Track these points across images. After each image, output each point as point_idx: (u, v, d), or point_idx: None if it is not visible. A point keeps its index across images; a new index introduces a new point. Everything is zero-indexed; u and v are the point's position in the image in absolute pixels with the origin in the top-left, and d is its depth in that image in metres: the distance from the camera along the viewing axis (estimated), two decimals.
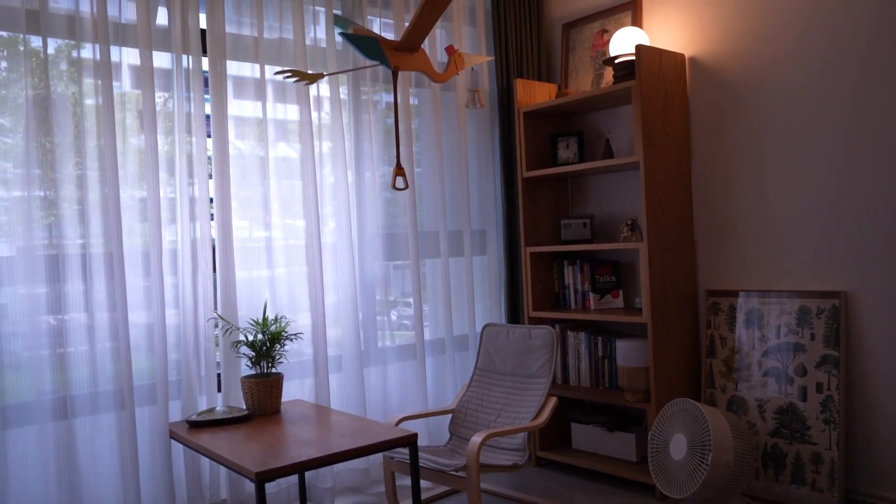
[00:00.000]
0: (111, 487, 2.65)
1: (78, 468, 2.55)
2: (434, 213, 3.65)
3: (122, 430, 2.66)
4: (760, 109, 3.17)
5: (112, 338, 2.68)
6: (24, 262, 2.49)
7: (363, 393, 3.28)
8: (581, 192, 3.90)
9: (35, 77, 2.53)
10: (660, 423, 2.99)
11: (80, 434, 2.58)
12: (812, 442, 2.90)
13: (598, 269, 3.62)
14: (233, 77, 3.07)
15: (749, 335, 3.15)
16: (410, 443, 2.49)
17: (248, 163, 3.09)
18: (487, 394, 3.32)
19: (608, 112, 3.75)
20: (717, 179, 3.33)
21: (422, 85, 3.63)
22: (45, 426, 2.51)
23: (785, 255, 3.11)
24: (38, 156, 2.52)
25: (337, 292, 3.30)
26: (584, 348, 3.61)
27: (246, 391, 2.84)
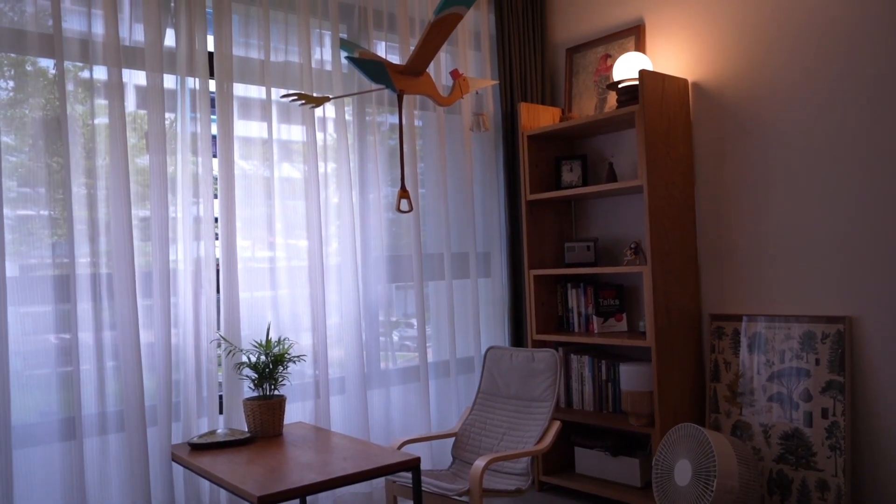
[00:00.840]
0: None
1: (82, 489, 2.53)
2: (438, 234, 3.66)
3: (127, 451, 2.64)
4: (764, 135, 3.18)
5: (114, 357, 2.67)
6: (29, 281, 2.49)
7: (366, 415, 3.26)
8: (585, 215, 3.91)
9: (42, 97, 2.55)
10: (664, 449, 2.97)
11: (84, 455, 2.55)
12: (818, 468, 2.87)
13: (602, 293, 3.62)
14: (238, 98, 3.09)
15: (753, 360, 3.14)
16: (413, 467, 2.47)
17: (253, 183, 3.10)
18: (491, 417, 3.30)
19: (612, 136, 3.77)
20: (720, 203, 3.34)
21: (426, 108, 3.65)
22: (50, 447, 2.49)
23: (789, 280, 3.10)
24: (44, 175, 2.54)
25: (340, 314, 3.30)
26: (587, 372, 3.60)
27: (248, 413, 2.83)
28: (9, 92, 2.52)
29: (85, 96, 2.66)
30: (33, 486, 2.48)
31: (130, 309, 2.66)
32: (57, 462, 2.52)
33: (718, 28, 3.33)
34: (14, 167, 2.51)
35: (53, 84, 2.57)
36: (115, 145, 2.66)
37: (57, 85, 2.54)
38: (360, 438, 2.91)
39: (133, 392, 2.64)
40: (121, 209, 2.66)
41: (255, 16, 3.12)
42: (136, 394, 2.64)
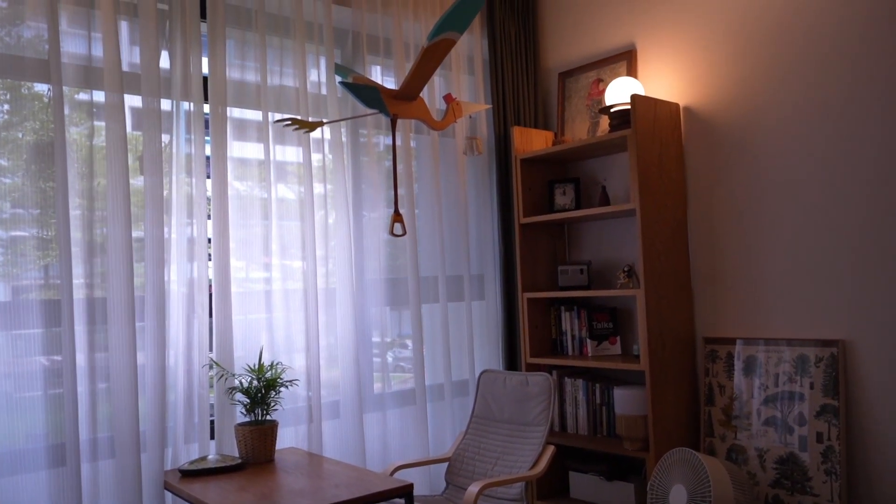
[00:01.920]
0: None
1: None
2: (433, 257, 3.65)
3: (119, 478, 2.60)
4: (756, 158, 3.20)
5: (105, 380, 2.64)
6: (19, 303, 2.48)
7: (360, 440, 3.23)
8: (578, 238, 3.92)
9: (37, 120, 2.55)
10: (659, 473, 2.95)
11: (76, 481, 2.52)
12: (814, 493, 2.86)
13: (596, 316, 3.62)
14: (233, 119, 3.10)
15: (748, 383, 3.13)
16: (406, 493, 2.45)
17: (247, 204, 3.10)
18: (484, 441, 3.28)
19: (604, 159, 3.79)
20: (713, 226, 3.35)
21: (420, 131, 3.67)
22: (38, 474, 2.46)
23: (783, 303, 3.11)
24: (37, 196, 2.53)
25: (335, 336, 3.28)
26: (581, 395, 3.59)
27: (240, 439, 2.80)
28: (3, 115, 2.52)
29: (80, 118, 2.66)
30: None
31: (128, 332, 2.63)
32: (45, 488, 2.48)
33: (710, 53, 3.37)
34: (8, 189, 2.50)
35: (48, 107, 2.57)
36: (114, 167, 2.66)
37: (53, 108, 2.54)
38: (353, 464, 2.88)
39: (127, 418, 2.61)
40: (119, 231, 2.65)
41: (250, 41, 3.13)
42: (130, 419, 2.61)
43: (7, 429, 2.44)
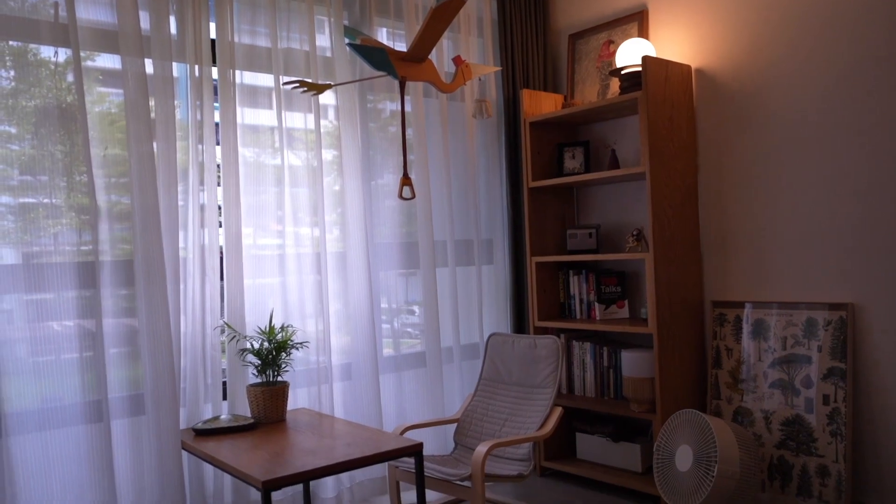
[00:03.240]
0: (125, 495, 2.65)
1: (87, 473, 2.55)
2: (441, 222, 3.66)
3: (143, 436, 2.65)
4: (768, 121, 3.17)
5: (117, 344, 2.68)
6: (30, 268, 2.50)
7: (369, 402, 3.27)
8: (587, 202, 3.91)
9: (43, 87, 2.54)
10: (665, 434, 2.98)
11: (89, 440, 2.57)
12: (819, 454, 2.89)
13: (604, 280, 3.62)
14: (241, 86, 3.08)
15: (755, 346, 3.15)
16: (415, 452, 2.49)
17: (256, 170, 3.10)
18: (492, 403, 3.31)
19: (614, 122, 3.76)
20: (723, 190, 3.34)
21: (429, 95, 3.64)
22: (51, 433, 2.50)
23: (792, 267, 3.11)
24: (46, 163, 2.54)
25: (344, 301, 3.31)
26: (589, 358, 3.61)
27: (252, 399, 2.85)
28: (10, 82, 2.51)
29: (89, 85, 2.65)
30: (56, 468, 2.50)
31: (161, 295, 2.66)
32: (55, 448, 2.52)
33: (722, 14, 3.32)
34: (17, 155, 2.50)
35: (55, 74, 2.56)
36: (140, 133, 2.65)
37: (74, 73, 2.53)
38: (363, 424, 2.93)
39: (161, 377, 2.65)
40: (149, 197, 2.66)
41: (259, 4, 3.10)
42: (165, 379, 2.65)
43: (23, 389, 2.48)
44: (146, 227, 2.67)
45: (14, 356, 2.45)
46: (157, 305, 2.66)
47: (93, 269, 2.60)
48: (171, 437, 2.66)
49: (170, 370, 2.67)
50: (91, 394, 2.56)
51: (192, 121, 2.89)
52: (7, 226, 2.48)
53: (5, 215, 2.48)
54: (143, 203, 2.67)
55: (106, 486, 2.56)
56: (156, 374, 2.65)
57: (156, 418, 2.64)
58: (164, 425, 2.64)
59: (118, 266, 2.68)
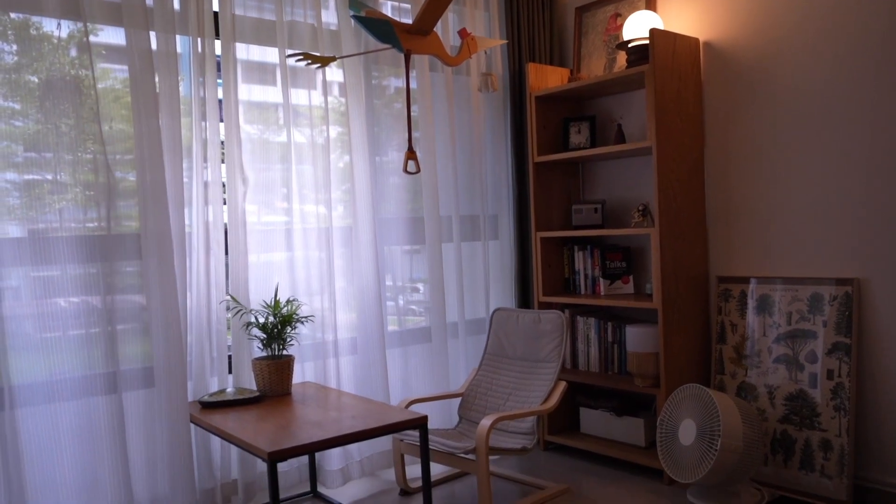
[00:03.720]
0: (134, 467, 2.67)
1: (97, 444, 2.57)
2: (446, 197, 3.64)
3: (146, 409, 2.67)
4: (775, 95, 3.14)
5: (123, 319, 2.68)
6: (36, 245, 2.49)
7: (375, 376, 3.29)
8: (592, 177, 3.89)
9: (47, 61, 2.52)
10: (669, 409, 2.99)
11: (99, 413, 2.58)
12: (822, 429, 2.89)
13: (609, 255, 3.62)
14: (245, 62, 3.06)
15: (760, 322, 3.15)
16: (420, 425, 2.50)
17: (261, 147, 3.09)
18: (497, 378, 3.33)
19: (621, 97, 3.73)
20: (730, 165, 3.31)
21: (434, 69, 3.61)
22: (60, 405, 2.52)
23: (798, 242, 3.09)
24: (51, 140, 2.52)
25: (350, 275, 3.31)
26: (593, 333, 3.62)
27: (257, 373, 2.86)
28: (12, 56, 2.49)
29: (89, 61, 2.63)
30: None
31: (168, 270, 2.65)
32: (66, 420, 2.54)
33: None
34: (21, 132, 2.49)
35: (57, 49, 2.54)
36: (145, 109, 2.63)
37: (78, 47, 2.51)
38: (368, 398, 2.94)
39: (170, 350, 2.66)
40: (156, 173, 2.65)
41: None
42: (174, 352, 2.66)
43: (31, 364, 2.49)
44: (153, 203, 2.66)
45: (22, 332, 2.46)
46: (166, 280, 2.66)
47: (98, 245, 2.59)
48: (180, 410, 2.66)
49: (178, 344, 2.67)
50: (99, 367, 2.57)
51: (195, 97, 2.88)
52: (13, 202, 2.48)
53: (10, 192, 2.47)
54: (150, 179, 2.65)
55: (117, 456, 2.58)
56: (164, 348, 2.66)
57: (165, 391, 2.64)
58: (174, 398, 2.65)
59: (124, 242, 2.67)
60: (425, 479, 2.52)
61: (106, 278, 2.61)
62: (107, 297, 2.62)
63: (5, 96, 2.45)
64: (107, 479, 2.55)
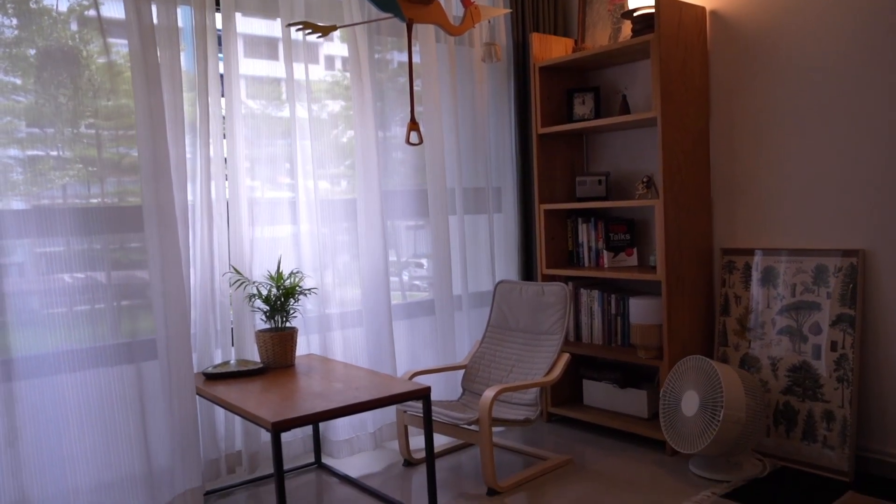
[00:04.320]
0: (140, 438, 2.69)
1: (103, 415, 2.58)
2: (450, 169, 3.62)
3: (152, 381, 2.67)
4: (783, 65, 3.10)
5: (128, 294, 2.68)
6: (40, 221, 2.47)
7: (381, 349, 3.30)
8: (596, 149, 3.86)
9: (46, 36, 2.49)
10: (672, 380, 3.00)
11: (103, 386, 2.59)
12: (825, 400, 2.90)
13: (613, 227, 3.60)
14: (247, 36, 3.03)
15: (764, 294, 3.14)
16: (423, 396, 2.51)
17: (264, 122, 3.07)
18: (500, 350, 3.33)
19: (625, 67, 3.69)
20: (735, 136, 3.28)
21: (437, 39, 3.57)
22: (65, 377, 2.52)
23: (803, 214, 3.07)
24: (52, 115, 2.50)
25: (355, 248, 3.30)
26: (597, 306, 3.61)
27: (260, 345, 2.87)
28: (13, 30, 2.45)
29: (91, 35, 2.59)
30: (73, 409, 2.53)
31: (173, 244, 2.64)
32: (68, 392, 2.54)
33: None
34: (23, 107, 2.47)
35: (57, 23, 2.51)
36: (150, 84, 2.60)
37: (56, 21, 2.47)
38: (372, 369, 2.94)
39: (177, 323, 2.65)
40: (159, 149, 2.62)
41: None
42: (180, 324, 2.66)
43: (37, 339, 2.49)
44: (156, 179, 2.62)
45: (28, 308, 2.46)
46: (170, 254, 2.65)
47: (102, 220, 2.58)
48: (186, 382, 2.66)
49: (183, 316, 2.66)
50: (104, 340, 2.57)
51: (197, 72, 2.85)
52: (16, 178, 2.46)
53: (14, 168, 2.46)
54: (153, 154, 2.62)
55: (124, 428, 2.59)
56: (170, 321, 2.65)
57: (171, 364, 2.63)
58: (179, 370, 2.64)
59: (127, 217, 2.66)
60: (429, 450, 2.53)
61: (111, 254, 2.60)
62: (112, 272, 2.61)
63: (6, 71, 2.42)
64: (112, 449, 2.57)
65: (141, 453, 2.62)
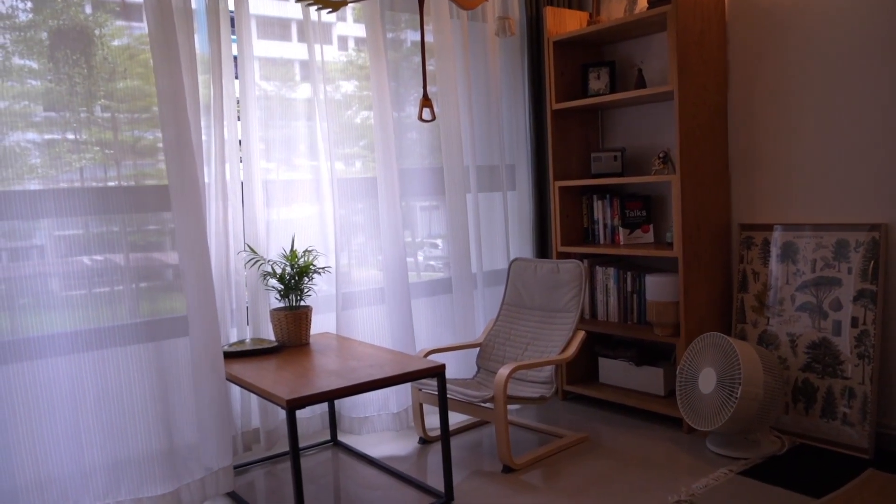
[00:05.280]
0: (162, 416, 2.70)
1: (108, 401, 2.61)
2: (464, 147, 3.59)
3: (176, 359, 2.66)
4: (802, 37, 3.02)
5: (147, 276, 2.69)
6: (59, 204, 2.48)
7: (393, 327, 3.30)
8: (612, 124, 3.81)
9: (60, 19, 2.48)
10: (689, 357, 2.97)
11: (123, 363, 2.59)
12: (845, 376, 2.86)
13: (628, 204, 3.56)
14: (260, 17, 3.01)
15: (783, 269, 3.09)
16: (438, 374, 2.51)
17: (275, 103, 3.05)
18: (515, 328, 3.32)
19: (641, 40, 3.62)
20: (754, 109, 3.22)
21: (451, 15, 3.52)
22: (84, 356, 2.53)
23: (824, 188, 3.01)
24: (68, 99, 2.49)
25: (368, 230, 3.29)
26: (612, 283, 3.58)
27: (275, 323, 2.88)
28: (27, 14, 2.44)
29: (105, 18, 2.58)
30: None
31: (192, 224, 2.62)
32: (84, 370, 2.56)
33: None
34: (39, 91, 2.46)
35: (71, 6, 2.49)
36: (172, 66, 2.59)
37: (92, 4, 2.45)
38: (387, 347, 2.94)
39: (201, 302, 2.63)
40: (184, 130, 2.61)
41: None
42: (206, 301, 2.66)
43: (57, 319, 2.51)
44: (177, 160, 2.61)
45: (47, 290, 2.47)
46: (197, 232, 2.63)
47: (119, 202, 2.58)
48: (216, 359, 2.63)
49: (211, 293, 2.64)
50: (123, 319, 2.58)
51: (211, 53, 2.83)
52: (34, 162, 2.47)
53: (32, 151, 2.46)
54: (177, 135, 2.60)
55: (145, 405, 2.61)
56: (200, 298, 2.63)
57: (202, 340, 2.61)
58: (208, 347, 2.62)
59: (146, 199, 2.65)
60: (443, 427, 2.53)
61: (129, 236, 2.60)
62: (130, 254, 2.62)
63: (21, 54, 2.42)
64: (132, 426, 2.59)
65: (163, 430, 2.62)
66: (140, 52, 2.64)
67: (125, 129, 2.62)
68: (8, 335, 2.36)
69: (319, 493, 2.72)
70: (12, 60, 2.42)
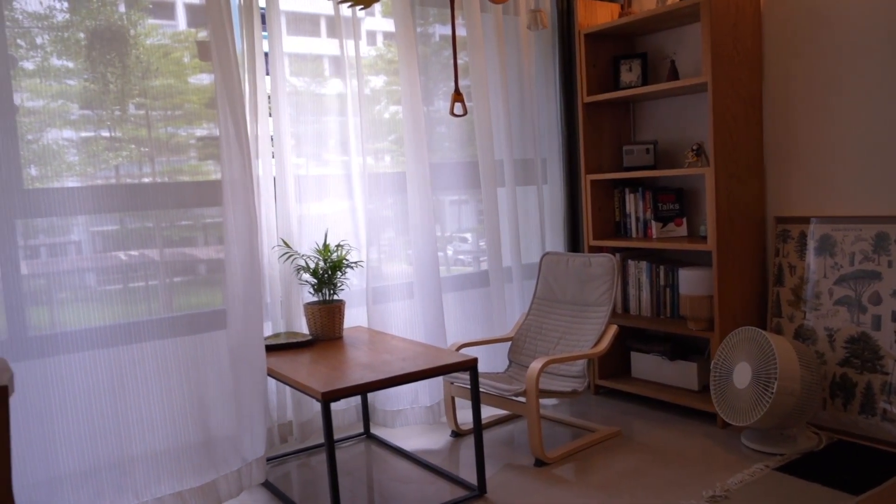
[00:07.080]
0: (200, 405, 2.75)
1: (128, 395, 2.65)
2: (497, 141, 3.58)
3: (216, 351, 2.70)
4: (839, 27, 2.96)
5: (184, 271, 2.73)
6: (96, 201, 2.53)
7: (425, 321, 3.31)
8: (644, 117, 3.77)
9: (96, 18, 2.52)
10: (724, 352, 2.94)
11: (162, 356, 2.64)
12: (884, 371, 2.81)
13: (661, 197, 3.53)
14: (290, 13, 3.03)
15: (820, 263, 3.04)
16: (471, 367, 2.51)
17: (306, 99, 3.08)
18: (546, 322, 3.31)
19: (674, 32, 3.58)
20: (789, 101, 3.16)
21: (484, 10, 3.51)
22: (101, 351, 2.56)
23: (862, 180, 2.95)
24: (103, 97, 2.54)
25: (399, 224, 3.30)
26: (645, 277, 3.56)
27: (309, 317, 2.91)
28: (64, 14, 2.49)
29: (139, 16, 2.62)
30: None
31: (239, 218, 2.66)
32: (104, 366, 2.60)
33: None
34: (74, 90, 2.51)
35: (107, 5, 2.53)
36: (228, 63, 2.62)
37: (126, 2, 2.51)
38: (419, 341, 2.96)
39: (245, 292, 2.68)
40: (240, 125, 2.64)
41: None
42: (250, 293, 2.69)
43: (93, 313, 2.56)
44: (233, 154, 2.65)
45: (85, 285, 2.53)
46: (246, 226, 2.67)
47: (154, 198, 2.62)
48: (258, 352, 2.66)
49: (257, 285, 2.68)
50: (163, 312, 2.63)
51: (245, 50, 2.86)
52: (72, 160, 2.52)
53: (68, 149, 2.52)
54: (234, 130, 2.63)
55: (184, 395, 2.65)
56: (245, 291, 2.67)
57: (244, 333, 2.65)
58: (250, 340, 2.66)
59: (179, 195, 2.69)
60: (476, 421, 2.54)
61: (163, 231, 2.65)
62: (164, 249, 2.66)
63: (59, 54, 2.47)
64: (170, 418, 2.64)
65: (200, 420, 2.66)
66: (173, 51, 2.68)
67: (159, 127, 2.66)
68: (48, 329, 2.42)
69: (354, 486, 2.75)
70: (50, 61, 2.47)
